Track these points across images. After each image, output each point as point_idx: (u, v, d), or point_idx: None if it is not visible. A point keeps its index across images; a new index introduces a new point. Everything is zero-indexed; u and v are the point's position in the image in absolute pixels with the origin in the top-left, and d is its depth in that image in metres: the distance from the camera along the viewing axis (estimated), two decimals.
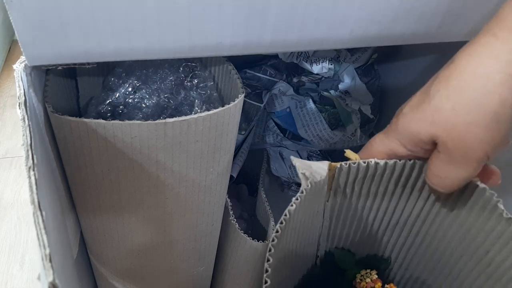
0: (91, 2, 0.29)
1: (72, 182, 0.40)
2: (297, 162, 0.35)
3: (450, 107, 0.29)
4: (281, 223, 0.33)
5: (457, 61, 0.29)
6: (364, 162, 0.36)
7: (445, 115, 0.29)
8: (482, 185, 0.34)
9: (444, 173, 0.31)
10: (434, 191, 0.34)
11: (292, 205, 0.33)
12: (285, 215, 0.33)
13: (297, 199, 0.34)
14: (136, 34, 0.31)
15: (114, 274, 0.52)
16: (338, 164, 0.36)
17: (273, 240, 0.32)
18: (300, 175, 0.35)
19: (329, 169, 0.36)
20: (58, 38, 0.30)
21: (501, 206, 0.34)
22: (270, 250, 0.31)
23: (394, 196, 0.39)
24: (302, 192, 0.34)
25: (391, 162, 0.36)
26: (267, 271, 0.30)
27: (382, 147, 0.35)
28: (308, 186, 0.34)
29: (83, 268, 0.51)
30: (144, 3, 0.30)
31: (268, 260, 0.31)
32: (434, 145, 0.31)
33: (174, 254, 0.51)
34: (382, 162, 0.36)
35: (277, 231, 0.32)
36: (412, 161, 0.36)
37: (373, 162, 0.36)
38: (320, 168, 0.36)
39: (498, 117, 0.27)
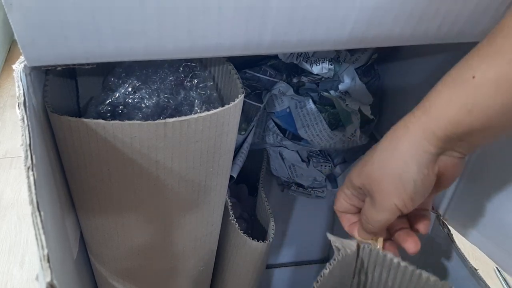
0: (91, 3, 0.29)
1: (71, 182, 0.40)
2: (331, 237, 0.40)
3: (373, 163, 0.36)
4: (317, 282, 0.37)
5: (394, 129, 0.36)
6: (384, 254, 0.39)
7: (369, 169, 0.36)
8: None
9: (369, 215, 0.38)
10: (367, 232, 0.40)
11: (326, 269, 0.38)
12: (320, 276, 0.37)
13: (330, 264, 0.38)
14: (136, 35, 0.31)
15: (114, 274, 0.52)
16: (361, 245, 0.40)
17: None
18: (334, 248, 0.39)
19: (357, 247, 0.40)
20: (57, 39, 0.30)
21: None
22: None
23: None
24: (334, 260, 0.38)
25: (403, 263, 0.38)
26: None
27: (343, 196, 0.41)
28: (340, 255, 0.39)
29: (83, 268, 0.51)
30: (144, 4, 0.30)
31: None
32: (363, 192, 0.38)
33: (174, 254, 0.51)
34: (396, 260, 0.39)
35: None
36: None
37: (388, 256, 0.39)
38: (350, 244, 0.40)
39: (402, 178, 0.34)
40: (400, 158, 0.34)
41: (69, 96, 0.43)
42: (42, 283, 0.20)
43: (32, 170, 0.24)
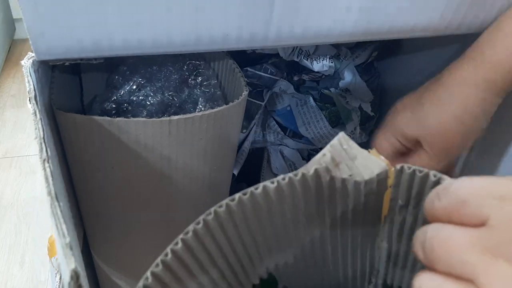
0: None
1: (76, 179, 0.40)
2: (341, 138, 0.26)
3: (436, 118, 0.38)
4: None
5: (444, 80, 0.38)
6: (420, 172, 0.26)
7: (432, 123, 0.38)
8: None
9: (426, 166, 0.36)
10: None
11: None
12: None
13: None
14: (144, 27, 0.31)
15: (116, 272, 0.52)
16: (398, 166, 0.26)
17: None
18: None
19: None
20: (66, 31, 0.30)
21: None
22: None
23: None
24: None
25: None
26: None
27: (386, 144, 0.41)
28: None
29: (86, 266, 0.51)
30: None
31: None
32: (416, 142, 0.39)
33: None
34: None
35: None
36: None
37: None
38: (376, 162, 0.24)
39: (471, 128, 0.37)
40: (472, 112, 0.36)
41: (74, 93, 0.43)
42: (65, 271, 0.20)
43: (48, 162, 0.25)
